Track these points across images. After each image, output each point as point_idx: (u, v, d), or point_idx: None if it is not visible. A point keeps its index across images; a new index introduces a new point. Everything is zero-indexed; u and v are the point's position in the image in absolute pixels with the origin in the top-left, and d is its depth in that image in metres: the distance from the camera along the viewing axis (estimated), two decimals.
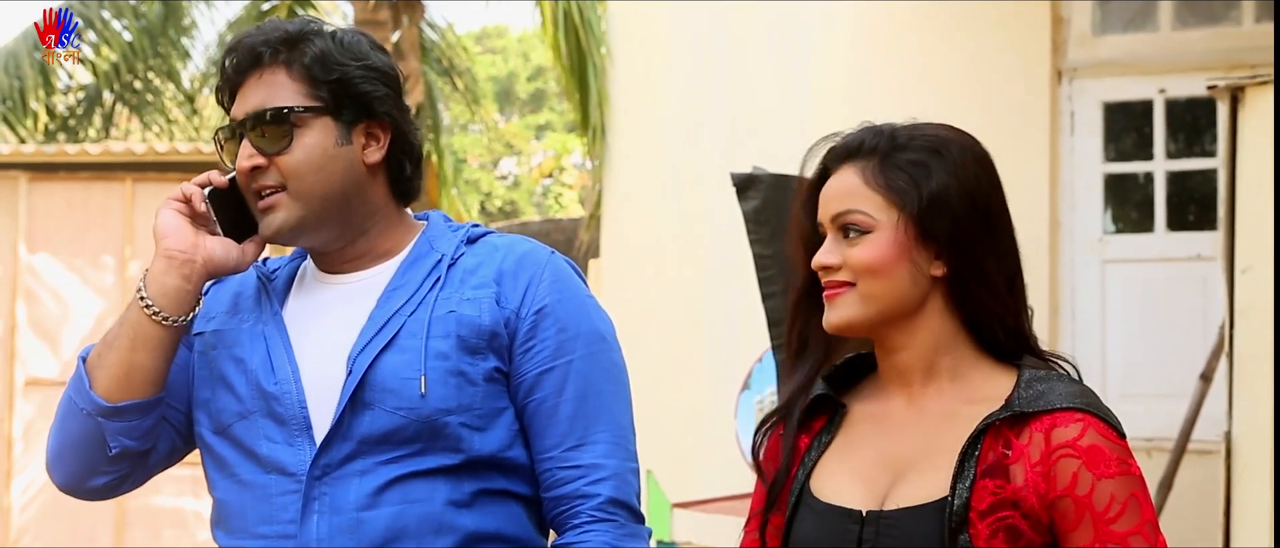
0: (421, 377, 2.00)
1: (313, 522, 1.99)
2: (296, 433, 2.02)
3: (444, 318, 2.03)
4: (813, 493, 1.82)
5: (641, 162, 8.03)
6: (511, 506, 2.06)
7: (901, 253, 1.77)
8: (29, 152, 9.23)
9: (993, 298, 1.78)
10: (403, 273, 2.09)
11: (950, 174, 1.78)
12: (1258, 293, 4.29)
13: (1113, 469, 1.71)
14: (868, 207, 1.79)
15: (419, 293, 2.06)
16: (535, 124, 28.05)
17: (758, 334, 4.58)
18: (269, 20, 2.14)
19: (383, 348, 2.01)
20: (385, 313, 2.05)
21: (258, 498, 2.02)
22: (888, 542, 1.73)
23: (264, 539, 2.01)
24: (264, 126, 2.05)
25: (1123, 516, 1.70)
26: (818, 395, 1.87)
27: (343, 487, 2.00)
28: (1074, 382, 1.79)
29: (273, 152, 2.05)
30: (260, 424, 2.03)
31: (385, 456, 2.00)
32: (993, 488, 1.71)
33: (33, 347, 8.76)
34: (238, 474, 2.05)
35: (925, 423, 1.79)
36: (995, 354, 1.81)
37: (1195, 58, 6.26)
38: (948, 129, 1.84)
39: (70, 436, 2.07)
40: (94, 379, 2.04)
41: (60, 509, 8.50)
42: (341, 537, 1.99)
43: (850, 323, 1.81)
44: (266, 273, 2.15)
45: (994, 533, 1.69)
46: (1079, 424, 1.72)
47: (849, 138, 1.86)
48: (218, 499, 2.11)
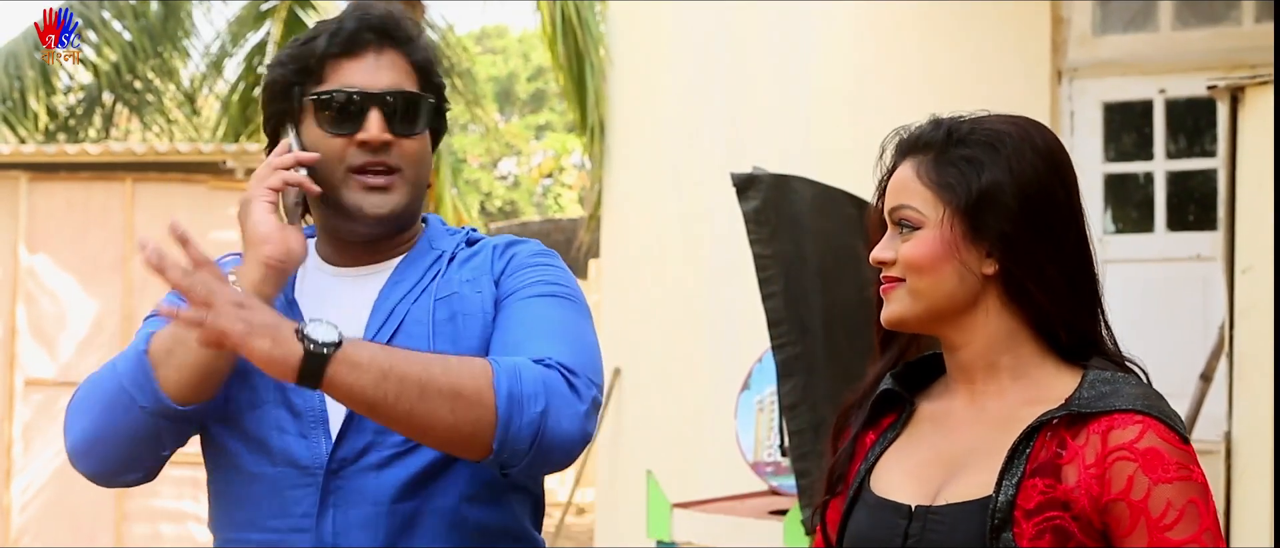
0: None
1: (330, 516, 1.97)
2: (312, 425, 1.99)
3: (446, 300, 2.04)
4: (870, 488, 1.81)
5: (642, 162, 8.03)
6: (515, 500, 2.06)
7: (948, 251, 1.74)
8: (29, 152, 9.21)
9: (1050, 298, 1.74)
10: (404, 268, 2.09)
11: (1004, 170, 1.73)
12: (1258, 293, 4.28)
13: (1171, 474, 1.65)
14: (917, 202, 1.76)
15: (421, 283, 2.07)
16: (535, 124, 28.04)
17: (758, 334, 4.57)
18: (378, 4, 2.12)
19: (391, 337, 2.01)
20: (389, 302, 2.05)
21: (269, 491, 1.99)
22: (933, 537, 1.70)
23: (276, 533, 1.98)
24: (405, 107, 2.05)
25: (1180, 522, 1.64)
26: (888, 393, 1.86)
27: (359, 481, 1.98)
28: (1140, 384, 1.74)
29: (403, 134, 2.04)
30: (273, 415, 2.00)
31: (399, 447, 1.98)
32: (1042, 487, 1.66)
33: (32, 347, 8.75)
34: (244, 466, 2.02)
35: (984, 422, 1.76)
36: (1061, 354, 1.77)
37: (1195, 58, 6.26)
38: (1011, 122, 1.79)
39: (116, 429, 1.95)
40: (163, 377, 1.93)
41: (60, 509, 8.50)
42: (357, 531, 1.97)
43: (901, 319, 1.79)
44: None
45: (1040, 533, 1.65)
46: (1138, 427, 1.67)
47: (912, 131, 1.82)
48: (220, 491, 2.07)
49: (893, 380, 1.86)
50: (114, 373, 1.97)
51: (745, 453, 5.61)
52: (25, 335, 8.75)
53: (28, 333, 8.76)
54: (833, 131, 6.59)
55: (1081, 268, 1.77)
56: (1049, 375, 1.76)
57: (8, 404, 8.72)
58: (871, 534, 1.77)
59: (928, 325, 1.79)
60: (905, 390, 1.86)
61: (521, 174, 28.11)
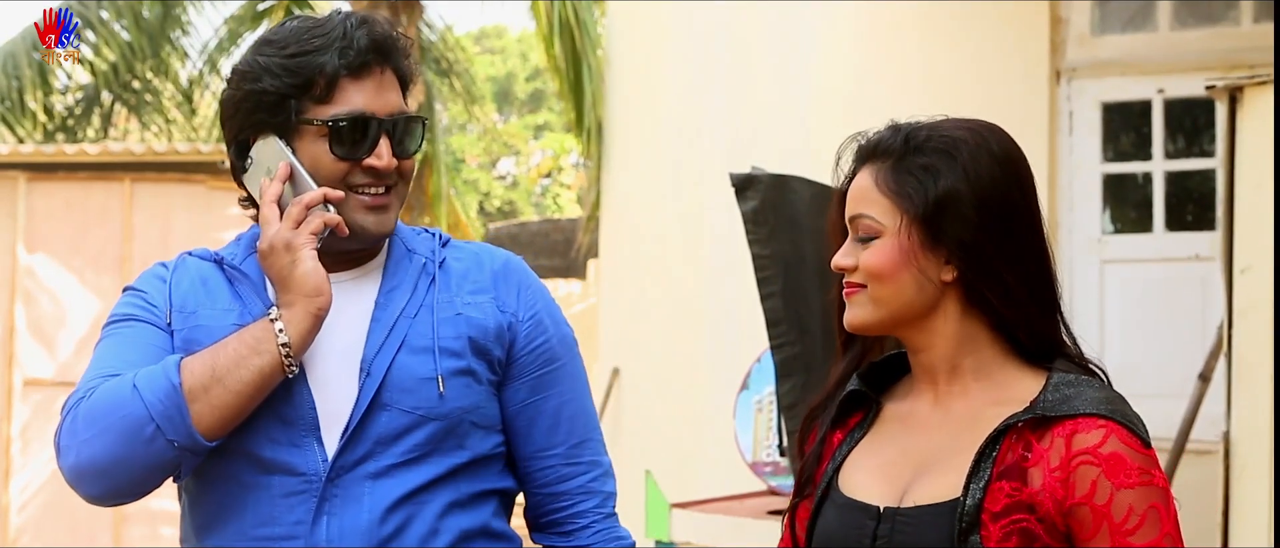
0: (438, 377, 2.01)
1: (323, 524, 1.98)
2: (303, 434, 2.00)
3: (453, 320, 2.06)
4: (838, 487, 1.82)
5: (642, 161, 8.03)
6: (496, 502, 2.11)
7: (905, 259, 1.75)
8: (27, 152, 9.21)
9: (1008, 304, 1.75)
10: (393, 274, 2.09)
11: (961, 177, 1.74)
12: (1256, 293, 4.28)
13: (1133, 479, 1.67)
14: (875, 211, 1.78)
15: (417, 294, 2.07)
16: (533, 124, 28.05)
17: (756, 334, 4.57)
18: (377, 16, 2.12)
19: (397, 349, 2.02)
20: (391, 315, 2.05)
21: (257, 500, 2.00)
22: (901, 539, 1.72)
23: (263, 541, 1.99)
24: (411, 129, 2.06)
25: (1141, 527, 1.66)
26: (855, 392, 1.87)
27: (356, 488, 1.99)
28: (1103, 388, 1.75)
29: (404, 155, 2.05)
30: (263, 425, 2.00)
31: (397, 457, 2.01)
32: (1009, 490, 1.68)
33: (31, 347, 8.75)
34: (231, 474, 2.01)
35: (950, 423, 1.78)
36: (1023, 356, 1.78)
37: (1194, 58, 6.26)
38: (968, 128, 1.80)
39: (135, 458, 1.91)
40: (197, 413, 1.91)
41: (58, 509, 8.50)
42: (352, 538, 1.98)
43: (863, 324, 1.81)
44: (229, 262, 2.09)
45: (1007, 536, 1.67)
46: (1101, 431, 1.68)
47: (871, 137, 1.83)
48: (200, 500, 2.05)
49: (859, 380, 1.87)
50: (138, 401, 1.91)
51: (744, 453, 5.60)
52: (24, 335, 8.75)
53: (26, 333, 8.76)
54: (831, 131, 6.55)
55: (1040, 272, 1.77)
56: (1012, 377, 1.77)
57: (6, 404, 8.72)
58: (840, 534, 1.78)
59: (889, 329, 1.81)
60: (871, 390, 1.88)
61: (520, 174, 28.12)
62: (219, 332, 2.01)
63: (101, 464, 1.92)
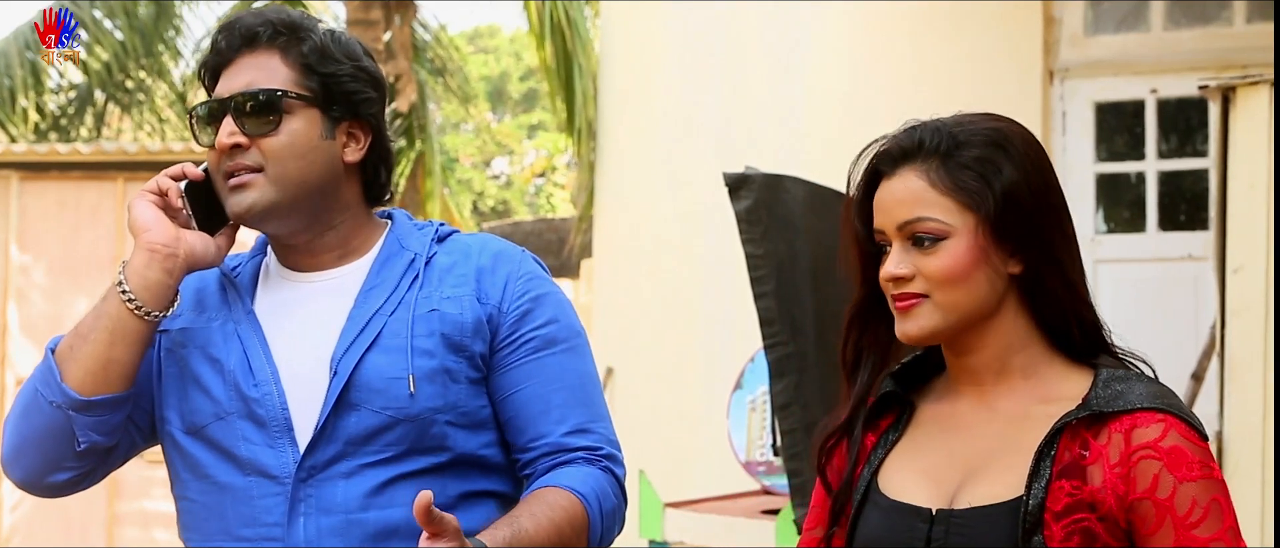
0: (409, 376, 2.00)
1: (299, 524, 1.98)
2: (277, 435, 2.00)
3: (427, 316, 2.03)
4: (880, 490, 1.77)
5: (635, 161, 8.03)
6: (490, 505, 2.07)
7: (982, 257, 1.70)
8: (20, 151, 9.20)
9: (1069, 292, 1.72)
10: (377, 272, 2.08)
11: (1017, 167, 1.71)
12: (1249, 293, 4.29)
13: (1195, 472, 1.66)
14: (938, 212, 1.70)
15: (398, 291, 2.06)
16: (527, 124, 28.03)
17: (751, 334, 4.57)
18: (270, 5, 2.15)
19: (367, 348, 2.01)
20: (365, 312, 2.04)
21: (238, 500, 2.01)
22: (958, 541, 1.68)
23: (247, 542, 2.00)
24: (253, 106, 2.04)
25: (1205, 520, 1.65)
26: (887, 394, 1.82)
27: (330, 489, 1.99)
28: (1153, 382, 1.73)
29: (258, 132, 2.04)
30: (238, 426, 2.02)
31: (371, 457, 2.00)
32: (1069, 489, 1.66)
33: (23, 346, 8.74)
34: (214, 476, 2.03)
35: (997, 423, 1.74)
36: (1069, 353, 1.75)
37: (1187, 58, 6.27)
38: (993, 117, 1.76)
39: (34, 429, 2.03)
40: (66, 372, 2.01)
41: (51, 510, 8.49)
42: (330, 538, 1.98)
43: (930, 334, 1.73)
44: (228, 269, 2.13)
45: (1069, 536, 1.65)
46: (1160, 425, 1.66)
47: (901, 138, 1.75)
48: (189, 501, 2.08)
49: (892, 381, 1.83)
50: (30, 381, 2.06)
51: (738, 453, 5.60)
52: (16, 335, 8.74)
53: (19, 332, 8.75)
54: (825, 131, 6.59)
55: (1081, 262, 1.77)
56: (1058, 374, 1.75)
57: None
58: (888, 537, 1.74)
59: (950, 336, 1.75)
60: (902, 390, 1.83)
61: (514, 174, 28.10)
62: (204, 336, 2.06)
63: (14, 446, 2.06)
